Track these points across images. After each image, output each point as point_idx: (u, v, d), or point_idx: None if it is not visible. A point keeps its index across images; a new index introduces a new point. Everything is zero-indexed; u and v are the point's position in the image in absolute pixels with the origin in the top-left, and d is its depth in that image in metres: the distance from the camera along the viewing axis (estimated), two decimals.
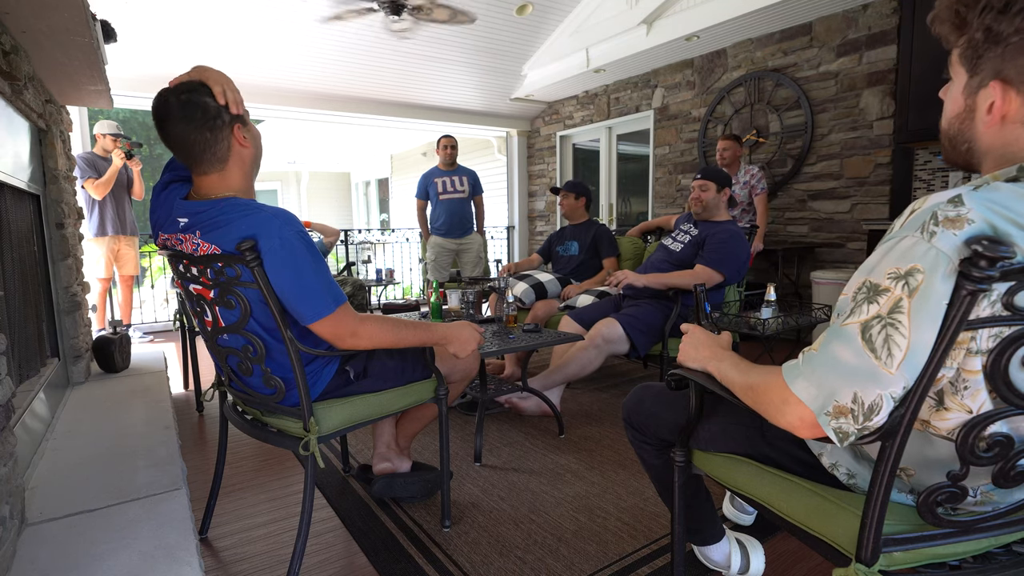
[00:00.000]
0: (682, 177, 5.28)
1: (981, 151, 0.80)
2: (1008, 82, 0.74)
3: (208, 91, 1.28)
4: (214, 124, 1.27)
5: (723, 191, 2.73)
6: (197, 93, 1.26)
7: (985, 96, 0.76)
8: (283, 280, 1.25)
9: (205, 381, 3.11)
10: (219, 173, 1.32)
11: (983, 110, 0.77)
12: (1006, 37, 0.72)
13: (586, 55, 5.26)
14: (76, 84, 2.51)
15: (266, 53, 4.86)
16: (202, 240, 1.28)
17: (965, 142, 0.81)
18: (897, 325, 0.70)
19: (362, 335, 1.36)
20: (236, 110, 1.31)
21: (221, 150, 1.30)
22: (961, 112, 0.81)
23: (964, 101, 0.80)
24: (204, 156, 1.29)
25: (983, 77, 0.76)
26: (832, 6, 3.86)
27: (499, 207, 7.67)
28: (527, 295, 3.21)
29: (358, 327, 1.35)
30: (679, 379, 1.09)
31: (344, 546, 1.63)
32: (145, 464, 1.77)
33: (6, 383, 1.30)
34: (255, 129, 1.41)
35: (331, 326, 1.31)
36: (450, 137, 4.72)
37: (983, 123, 0.78)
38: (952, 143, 0.83)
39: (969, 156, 0.82)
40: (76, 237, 2.85)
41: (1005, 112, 0.75)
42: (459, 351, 1.59)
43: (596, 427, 2.51)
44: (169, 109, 1.25)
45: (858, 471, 0.91)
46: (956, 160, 0.84)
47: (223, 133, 1.29)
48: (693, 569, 1.45)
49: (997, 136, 0.77)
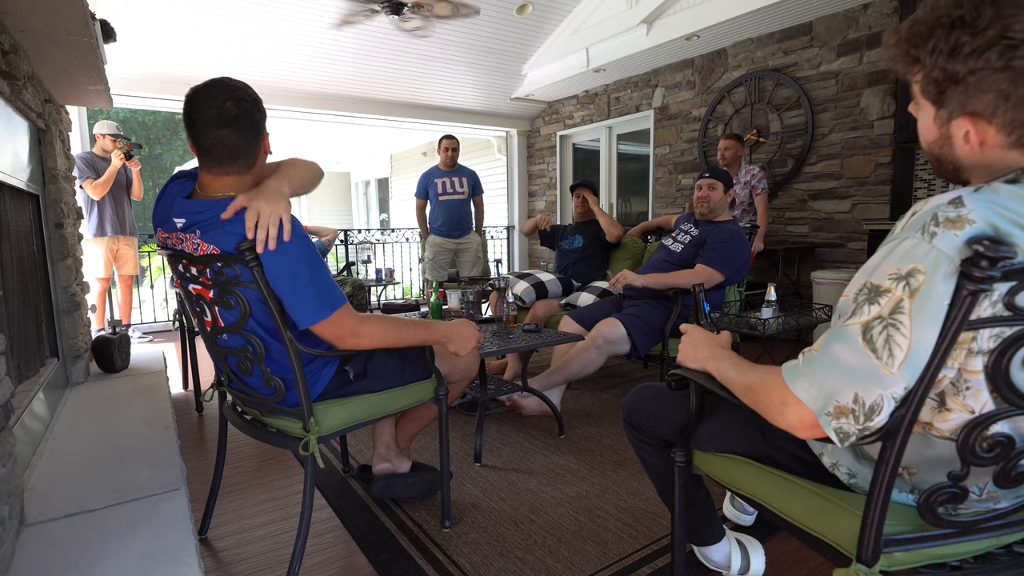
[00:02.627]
0: (682, 177, 5.28)
1: (968, 169, 0.80)
2: (977, 115, 0.74)
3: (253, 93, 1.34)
4: (260, 128, 1.33)
5: (728, 192, 2.73)
6: (253, 100, 1.32)
7: (959, 126, 0.76)
8: (282, 284, 1.26)
9: (205, 381, 3.11)
10: (242, 176, 1.32)
11: (959, 138, 0.77)
12: (963, 77, 0.72)
13: (586, 55, 5.25)
14: (75, 84, 2.50)
15: (266, 53, 4.85)
16: (202, 240, 1.28)
17: (950, 163, 0.81)
18: (898, 325, 0.70)
19: (363, 335, 1.36)
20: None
21: (255, 154, 1.33)
22: (938, 139, 0.80)
23: (938, 130, 0.80)
24: (239, 158, 1.30)
25: (951, 110, 0.76)
26: (832, 6, 3.86)
27: (499, 207, 7.67)
28: (528, 294, 3.21)
29: (359, 327, 1.35)
30: (679, 379, 1.09)
31: (344, 546, 1.63)
32: (145, 464, 1.76)
33: (5, 383, 1.30)
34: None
35: (331, 328, 1.32)
36: (452, 138, 4.70)
37: (962, 150, 0.78)
38: (938, 163, 0.83)
39: (957, 174, 0.82)
40: (75, 237, 2.85)
41: (982, 140, 0.75)
42: (459, 349, 1.60)
43: (596, 427, 2.51)
44: (226, 110, 1.26)
45: (859, 471, 0.91)
46: (945, 176, 0.84)
47: (261, 137, 1.34)
48: (693, 569, 1.45)
49: (980, 159, 0.77)
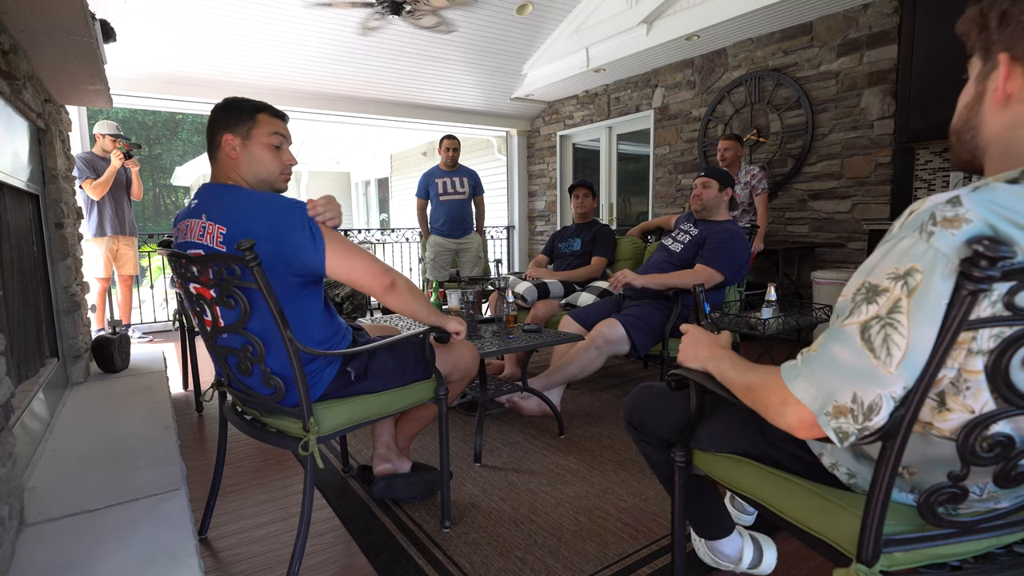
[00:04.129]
0: (682, 177, 5.28)
1: (985, 141, 0.81)
2: (1016, 59, 0.76)
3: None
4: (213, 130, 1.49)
5: (725, 191, 2.72)
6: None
7: (994, 79, 0.79)
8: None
9: (205, 381, 3.11)
10: (216, 165, 1.50)
11: (991, 93, 0.79)
12: (1016, 17, 0.75)
13: (586, 55, 5.25)
14: (75, 84, 2.50)
15: (266, 53, 4.85)
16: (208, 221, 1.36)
17: (971, 130, 0.82)
18: (896, 325, 0.70)
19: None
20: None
21: (215, 152, 1.51)
22: (971, 101, 0.82)
23: (975, 88, 0.82)
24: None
25: (994, 58, 0.79)
26: (832, 6, 3.86)
27: (499, 207, 7.66)
28: (530, 293, 3.21)
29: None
30: (679, 379, 1.09)
31: (344, 546, 1.63)
32: (145, 464, 1.76)
33: (5, 383, 1.30)
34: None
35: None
36: (453, 138, 4.70)
37: (989, 104, 0.80)
38: (959, 136, 0.85)
39: (974, 147, 0.83)
40: (75, 237, 2.85)
41: (1010, 91, 0.77)
42: (460, 329, 1.67)
43: (596, 427, 2.51)
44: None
45: (859, 471, 0.91)
46: (962, 156, 0.85)
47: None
48: (693, 569, 1.45)
49: (1001, 118, 0.78)
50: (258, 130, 1.44)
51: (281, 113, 1.51)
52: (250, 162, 1.44)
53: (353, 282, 1.42)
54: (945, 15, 3.23)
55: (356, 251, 1.43)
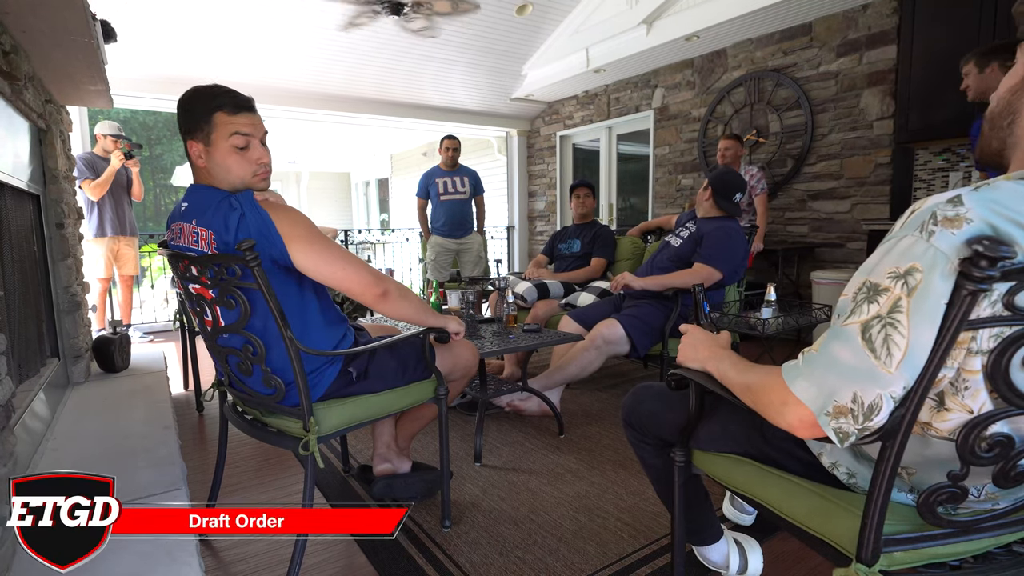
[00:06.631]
0: (682, 177, 5.28)
1: (1019, 133, 0.78)
2: None
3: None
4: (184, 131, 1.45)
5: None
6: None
7: None
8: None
9: (205, 381, 3.11)
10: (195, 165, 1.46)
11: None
12: None
13: (586, 55, 5.25)
14: (76, 84, 2.51)
15: (266, 53, 4.86)
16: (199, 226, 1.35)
17: (1011, 115, 0.79)
18: (896, 324, 0.70)
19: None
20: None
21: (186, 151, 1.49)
22: (1016, 84, 0.80)
23: (1022, 73, 0.79)
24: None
25: None
26: (832, 6, 3.86)
27: (499, 207, 7.66)
28: (530, 293, 3.21)
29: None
30: (679, 379, 1.09)
31: (344, 546, 1.63)
32: (145, 464, 1.77)
33: (6, 383, 1.30)
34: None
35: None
36: (453, 138, 4.69)
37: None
38: (994, 122, 0.82)
39: (1008, 134, 0.80)
40: (76, 237, 2.85)
41: None
42: (459, 329, 1.68)
43: (596, 427, 2.51)
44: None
45: (858, 470, 0.91)
46: (991, 145, 0.82)
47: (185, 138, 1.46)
48: (693, 569, 1.45)
49: None
50: (217, 134, 1.33)
51: (243, 102, 1.36)
52: (217, 170, 1.36)
53: (345, 289, 1.39)
54: (944, 16, 3.23)
55: (340, 254, 1.39)
